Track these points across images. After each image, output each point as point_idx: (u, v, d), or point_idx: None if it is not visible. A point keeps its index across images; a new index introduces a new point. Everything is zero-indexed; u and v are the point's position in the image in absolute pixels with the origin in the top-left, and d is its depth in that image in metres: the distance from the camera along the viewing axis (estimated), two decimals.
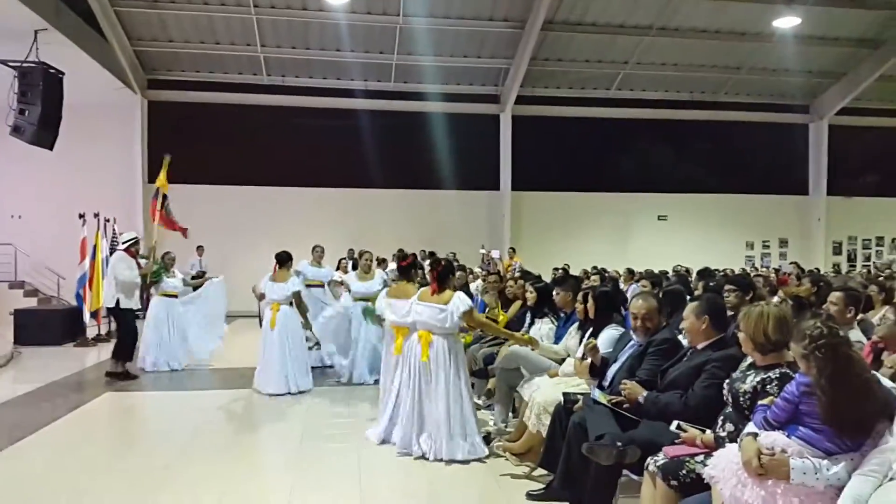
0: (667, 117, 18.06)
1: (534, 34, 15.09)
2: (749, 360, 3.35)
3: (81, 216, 11.67)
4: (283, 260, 8.04)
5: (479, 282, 12.62)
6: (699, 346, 3.75)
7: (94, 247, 11.59)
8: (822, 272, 15.37)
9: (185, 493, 4.54)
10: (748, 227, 18.94)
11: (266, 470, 5.29)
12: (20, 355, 10.18)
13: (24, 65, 10.89)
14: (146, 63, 16.06)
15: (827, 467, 2.56)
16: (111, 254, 11.97)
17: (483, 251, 16.06)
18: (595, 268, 14.64)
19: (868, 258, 19.47)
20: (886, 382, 2.80)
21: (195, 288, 9.85)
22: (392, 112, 17.02)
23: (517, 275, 12.35)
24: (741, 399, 3.17)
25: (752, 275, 13.19)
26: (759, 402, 2.95)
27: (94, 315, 11.68)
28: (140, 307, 8.79)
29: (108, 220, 12.30)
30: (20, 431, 5.91)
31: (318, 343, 8.46)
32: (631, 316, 4.37)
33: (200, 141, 16.30)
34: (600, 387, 4.19)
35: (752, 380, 3.17)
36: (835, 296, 4.53)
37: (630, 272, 12.26)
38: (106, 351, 10.70)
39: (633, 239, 18.30)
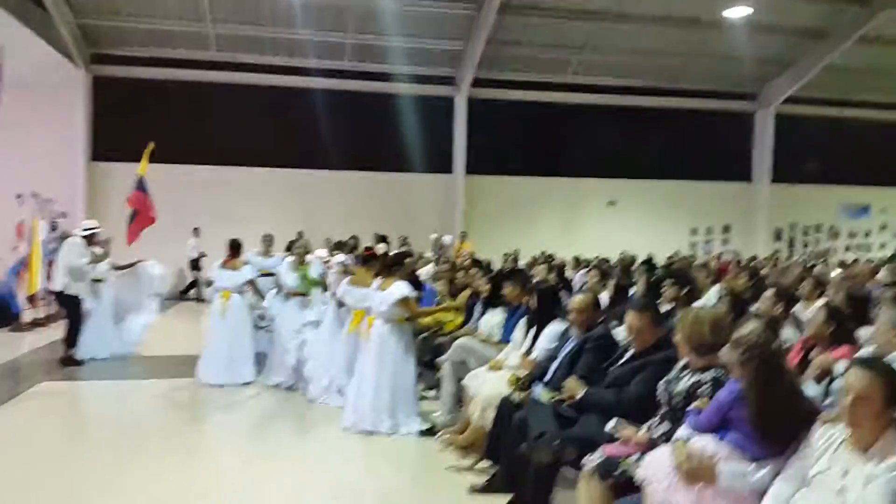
0: (619, 103, 18.21)
1: (490, 16, 15.00)
2: (683, 361, 3.43)
3: (19, 196, 11.25)
4: (235, 248, 7.93)
5: (431, 266, 12.64)
6: (640, 350, 3.80)
7: (32, 228, 11.15)
8: (761, 259, 15.87)
9: (129, 488, 4.48)
10: (693, 213, 19.30)
11: (212, 461, 5.24)
12: None
13: None
14: (91, 37, 15.46)
15: (753, 472, 2.66)
16: (50, 238, 11.61)
17: (435, 235, 16.05)
18: (543, 254, 14.81)
19: (806, 245, 20.09)
20: (811, 388, 2.92)
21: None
22: (346, 92, 16.76)
23: (467, 262, 12.45)
24: (675, 400, 3.26)
25: (693, 262, 13.53)
26: (691, 406, 3.03)
27: (31, 299, 11.28)
28: (85, 296, 8.47)
29: (47, 201, 11.84)
30: None
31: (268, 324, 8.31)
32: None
33: (147, 118, 15.79)
34: (543, 382, 4.26)
35: (686, 381, 3.26)
36: (767, 293, 4.69)
37: (577, 260, 12.42)
38: (42, 336, 10.43)
39: (584, 223, 18.50)
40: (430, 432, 5.64)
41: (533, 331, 5.10)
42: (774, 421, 2.63)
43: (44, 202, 11.67)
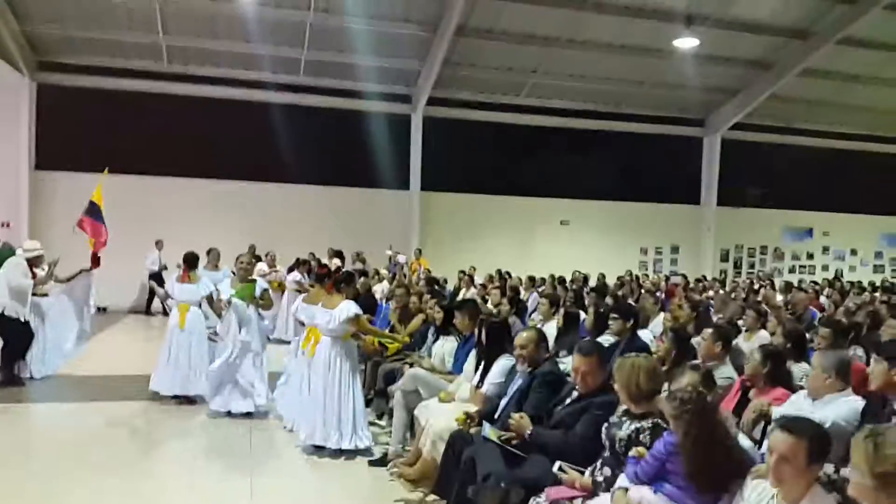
0: (571, 126, 18.60)
1: (446, 38, 15.14)
2: (624, 405, 3.55)
3: None
4: (192, 261, 7.89)
5: (385, 284, 12.67)
6: (584, 391, 3.91)
7: None
8: (708, 279, 16.37)
9: None
10: (643, 234, 19.77)
11: (158, 488, 5.15)
12: None
13: None
14: (38, 45, 15.09)
15: None
16: None
17: (390, 252, 16.08)
18: (499, 271, 14.98)
19: (752, 266, 20.79)
20: (745, 442, 3.05)
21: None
22: (301, 107, 16.73)
23: (422, 281, 12.50)
24: (617, 445, 3.36)
25: (643, 283, 13.86)
26: (630, 454, 3.14)
27: None
28: (25, 316, 8.21)
29: None
30: None
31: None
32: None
33: (94, 128, 15.51)
34: (491, 420, 4.32)
35: (627, 427, 3.37)
36: (706, 332, 4.86)
37: (531, 280, 12.59)
38: None
39: (537, 242, 18.78)
40: (381, 462, 5.65)
41: (482, 364, 5.17)
42: (708, 474, 2.75)
43: None
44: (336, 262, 14.91)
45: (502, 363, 4.98)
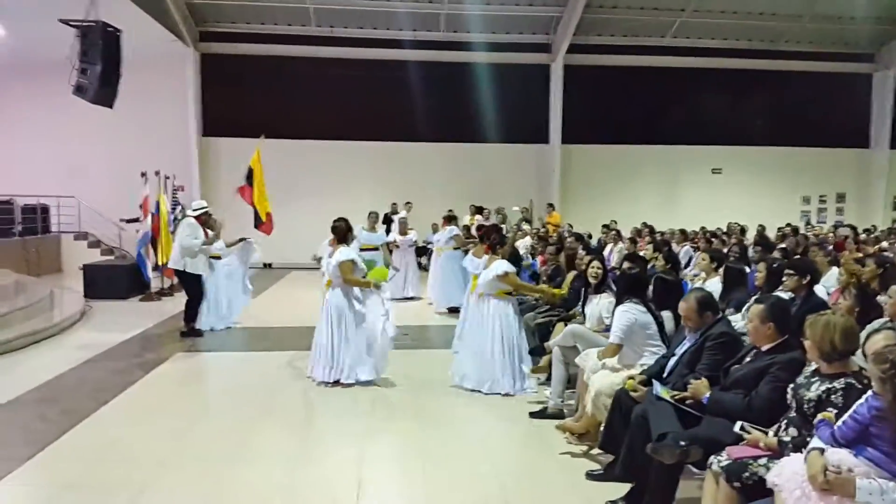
0: (723, 66, 17.54)
1: None
2: (813, 365, 3.41)
3: (143, 175, 12.00)
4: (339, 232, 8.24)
5: (528, 240, 12.70)
6: (763, 348, 3.80)
7: (157, 203, 11.85)
8: (879, 229, 15.04)
9: (260, 460, 4.84)
10: (805, 181, 18.44)
11: (339, 438, 5.52)
12: (91, 310, 10.67)
13: (84, 24, 11.07)
14: (197, 15, 16.14)
15: (893, 490, 2.65)
16: (173, 211, 12.32)
17: (517, 209, 15.90)
18: (644, 225, 14.54)
19: None
20: None
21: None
22: (440, 63, 16.86)
23: (566, 235, 12.37)
24: (805, 406, 3.25)
25: (807, 235, 12.98)
26: (819, 418, 3.02)
27: (160, 269, 12.02)
28: (204, 272, 8.96)
29: (167, 178, 12.52)
30: (105, 394, 6.29)
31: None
32: None
33: (250, 93, 16.48)
34: (661, 380, 4.28)
35: (816, 388, 3.24)
36: (892, 290, 4.49)
37: (683, 233, 12.15)
38: (170, 305, 11.21)
39: (685, 193, 18.02)
40: (541, 414, 5.78)
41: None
42: None
43: (165, 179, 12.33)
44: (479, 217, 15.10)
45: (619, 311, 5.07)
